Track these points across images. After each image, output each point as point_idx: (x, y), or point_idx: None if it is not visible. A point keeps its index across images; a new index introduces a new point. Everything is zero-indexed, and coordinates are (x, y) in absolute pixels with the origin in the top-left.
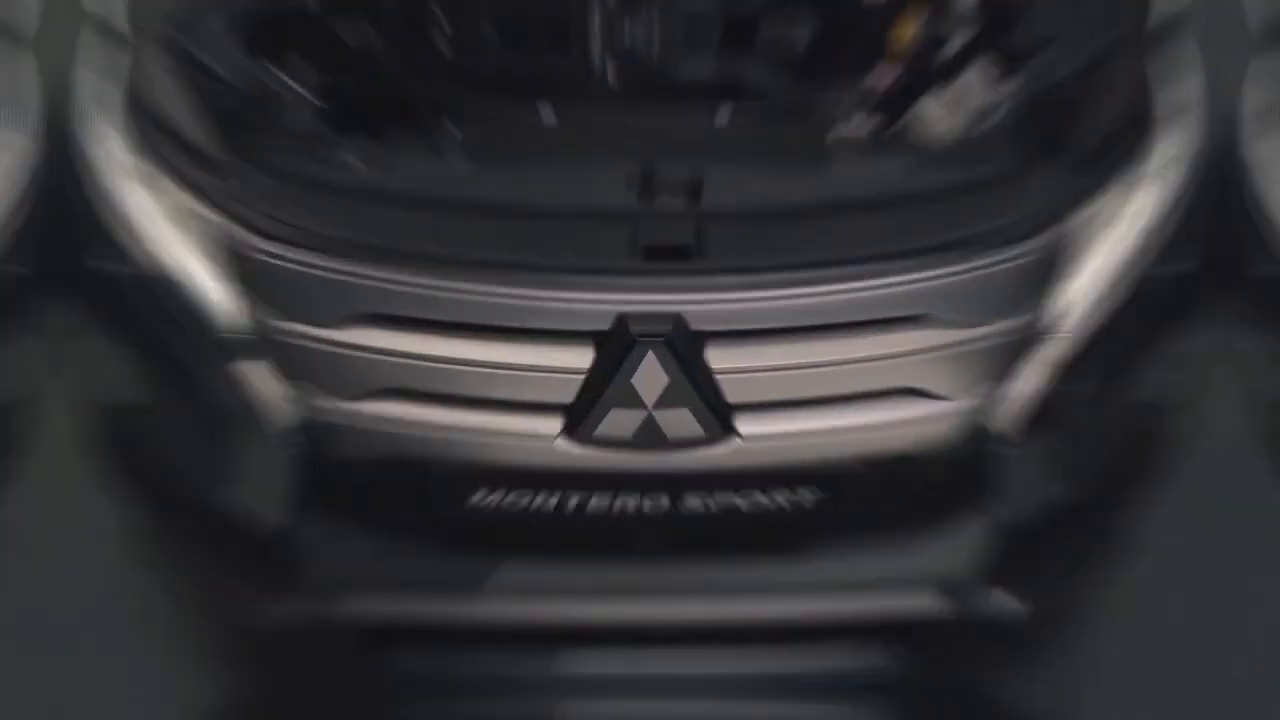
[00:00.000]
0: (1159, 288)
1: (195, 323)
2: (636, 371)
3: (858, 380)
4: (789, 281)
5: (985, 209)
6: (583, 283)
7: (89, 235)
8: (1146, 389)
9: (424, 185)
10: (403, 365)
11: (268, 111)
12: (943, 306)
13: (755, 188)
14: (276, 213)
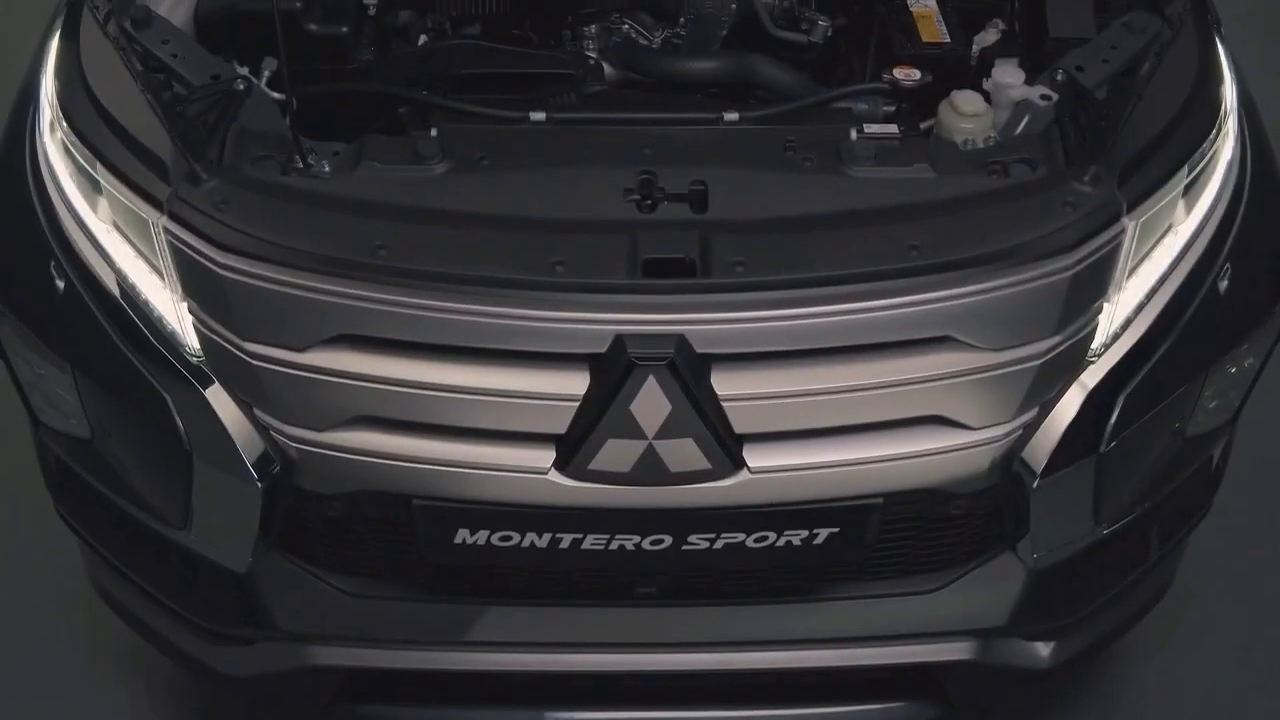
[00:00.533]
0: (1203, 307)
1: (153, 345)
2: (636, 398)
3: (876, 408)
4: (801, 300)
5: (1013, 221)
6: (577, 301)
7: (41, 249)
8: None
9: (401, 194)
10: (379, 391)
11: (232, 113)
12: (967, 327)
13: (764, 197)
14: (239, 224)
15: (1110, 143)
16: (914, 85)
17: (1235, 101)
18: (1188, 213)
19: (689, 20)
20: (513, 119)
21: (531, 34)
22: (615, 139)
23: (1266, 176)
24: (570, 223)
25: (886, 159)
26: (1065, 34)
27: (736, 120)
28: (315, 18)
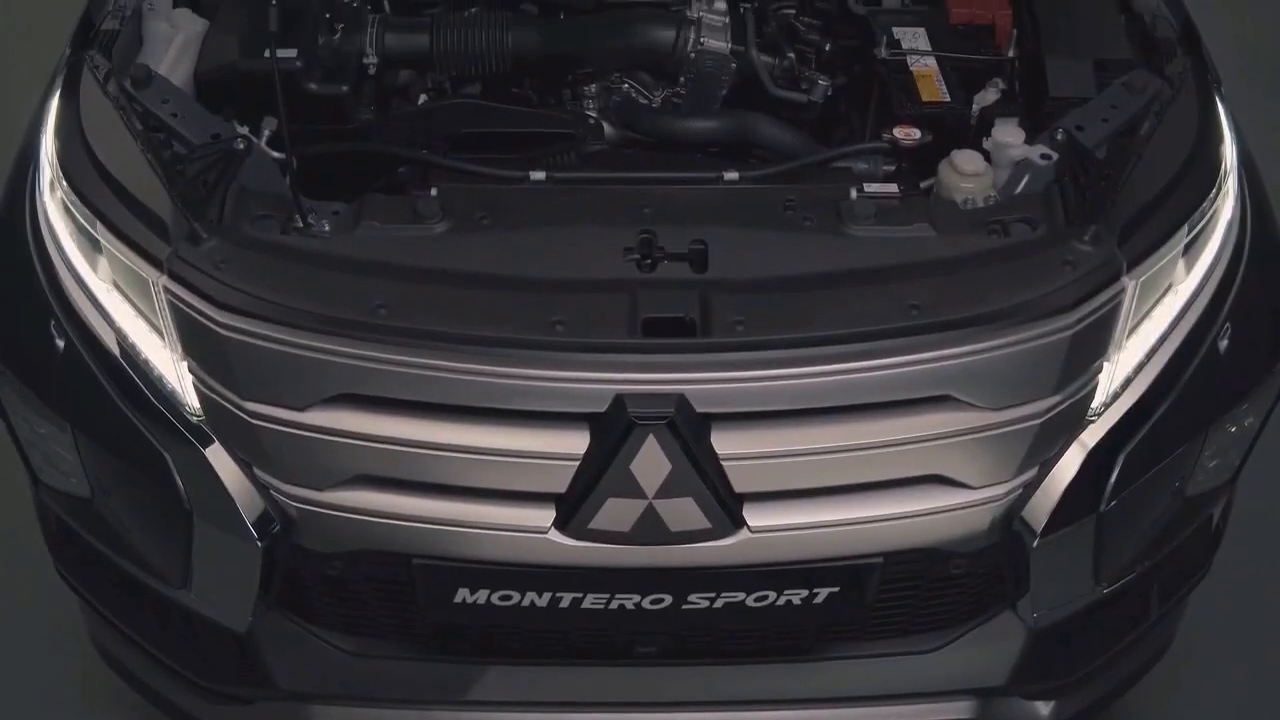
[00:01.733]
0: (1203, 366)
1: (152, 404)
2: (636, 457)
3: (876, 467)
4: (802, 359)
5: (1013, 281)
6: (577, 360)
7: (41, 308)
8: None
9: (401, 254)
10: (379, 450)
11: (232, 172)
12: (967, 387)
13: (764, 256)
14: (240, 284)
15: (1110, 202)
16: (914, 144)
17: (1235, 161)
18: (1188, 272)
19: (689, 80)
20: (513, 178)
21: (531, 93)
22: (615, 198)
23: (1266, 236)
24: (570, 282)
25: (886, 218)
26: (1065, 93)
27: (736, 179)
28: (315, 77)
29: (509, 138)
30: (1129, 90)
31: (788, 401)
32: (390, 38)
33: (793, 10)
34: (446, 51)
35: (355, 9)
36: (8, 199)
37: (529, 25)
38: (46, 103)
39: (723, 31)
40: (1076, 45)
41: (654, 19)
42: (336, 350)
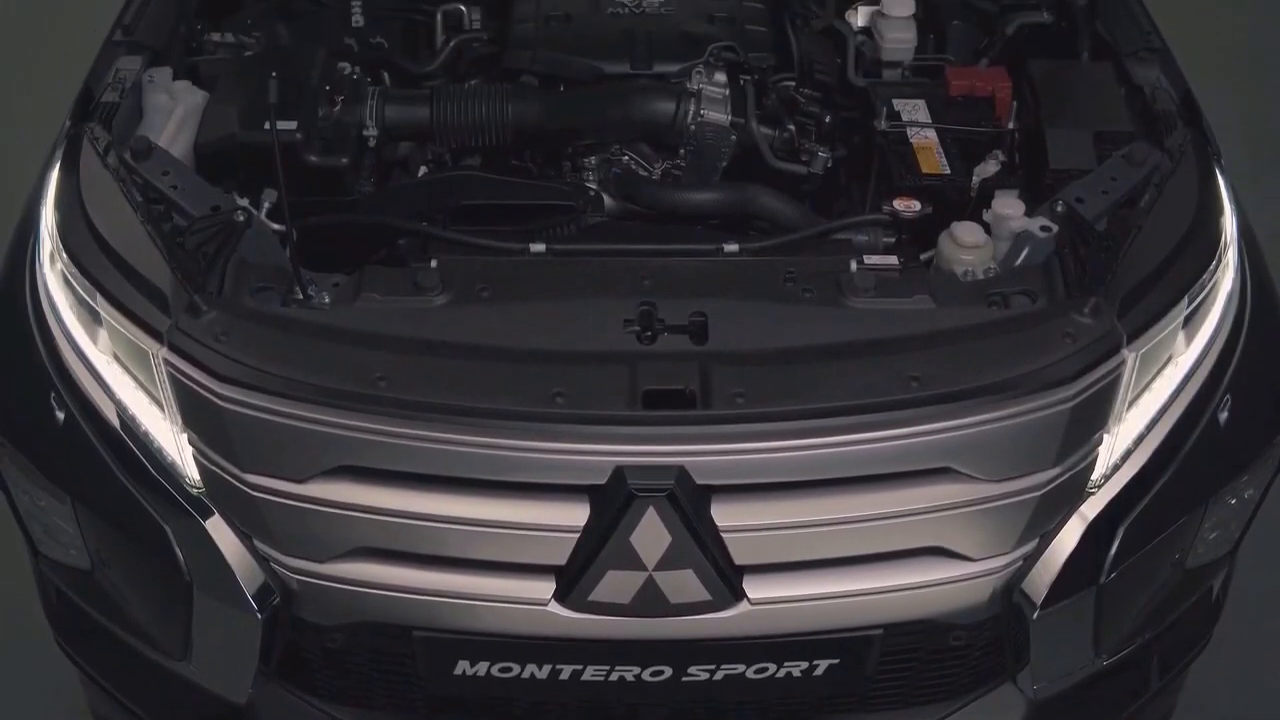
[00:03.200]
0: (1203, 438)
1: (152, 476)
2: (636, 529)
3: (876, 539)
4: (802, 431)
5: (1013, 353)
6: (577, 432)
7: (41, 380)
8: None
9: (401, 325)
10: (379, 522)
11: (232, 244)
12: (967, 459)
13: (764, 328)
14: (240, 356)
15: (1110, 274)
16: (914, 216)
17: (1235, 233)
18: (1188, 344)
19: (689, 152)
20: (513, 250)
21: (531, 165)
22: (615, 270)
23: (1266, 308)
24: (570, 354)
25: (886, 290)
26: (1065, 165)
27: (736, 251)
28: (315, 149)
29: (509, 209)
30: (1129, 162)
31: (788, 473)
32: (390, 110)
33: (793, 82)
34: (446, 124)
35: (355, 81)
36: (8, 271)
37: (529, 97)
38: (46, 175)
39: (723, 103)
40: (1076, 117)
41: (654, 91)
42: (337, 422)
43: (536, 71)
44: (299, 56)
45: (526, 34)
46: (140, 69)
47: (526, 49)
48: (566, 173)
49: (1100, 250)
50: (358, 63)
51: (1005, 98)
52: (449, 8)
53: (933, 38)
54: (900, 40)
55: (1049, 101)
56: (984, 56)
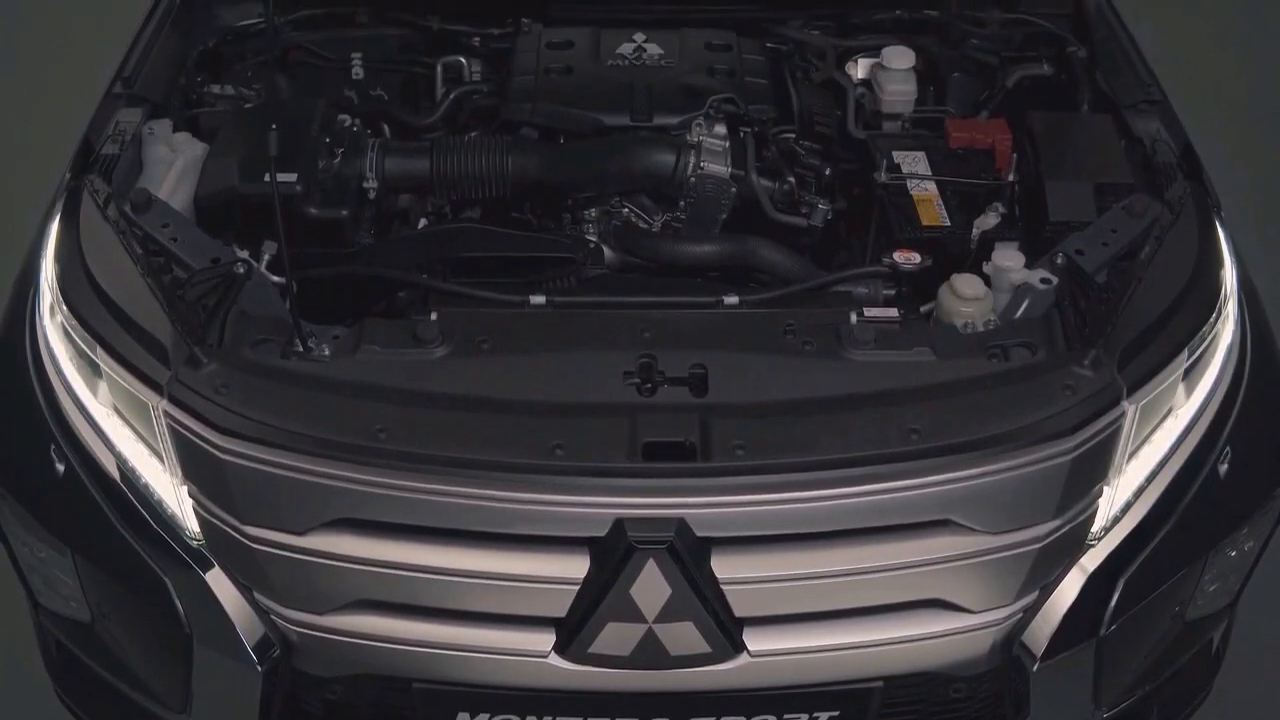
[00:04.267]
0: (1203, 490)
1: (153, 528)
2: (636, 581)
3: (877, 591)
4: (802, 484)
5: (1013, 405)
6: (576, 484)
7: (41, 432)
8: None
9: (401, 378)
10: (379, 575)
11: (232, 296)
12: (967, 511)
13: (764, 380)
14: (240, 408)
15: (1110, 327)
16: (914, 268)
17: (1235, 285)
18: (1188, 396)
19: (689, 204)
20: (512, 302)
21: (531, 217)
22: (615, 322)
23: (1266, 360)
24: (570, 406)
25: (886, 342)
26: (1065, 218)
27: (736, 304)
28: (315, 201)
29: (509, 262)
30: (1129, 214)
31: (788, 526)
32: (390, 162)
33: (793, 134)
34: (446, 176)
35: (355, 133)
36: (8, 323)
37: (529, 150)
38: (46, 227)
39: (723, 156)
40: (1076, 169)
41: (654, 144)
42: (337, 474)
43: (536, 124)
44: (299, 109)
45: (526, 86)
46: (140, 121)
47: (526, 101)
48: (566, 225)
49: (1100, 302)
50: (358, 115)
51: (1005, 150)
52: (449, 60)
53: (933, 90)
54: (900, 92)
55: (1049, 153)
56: (984, 108)
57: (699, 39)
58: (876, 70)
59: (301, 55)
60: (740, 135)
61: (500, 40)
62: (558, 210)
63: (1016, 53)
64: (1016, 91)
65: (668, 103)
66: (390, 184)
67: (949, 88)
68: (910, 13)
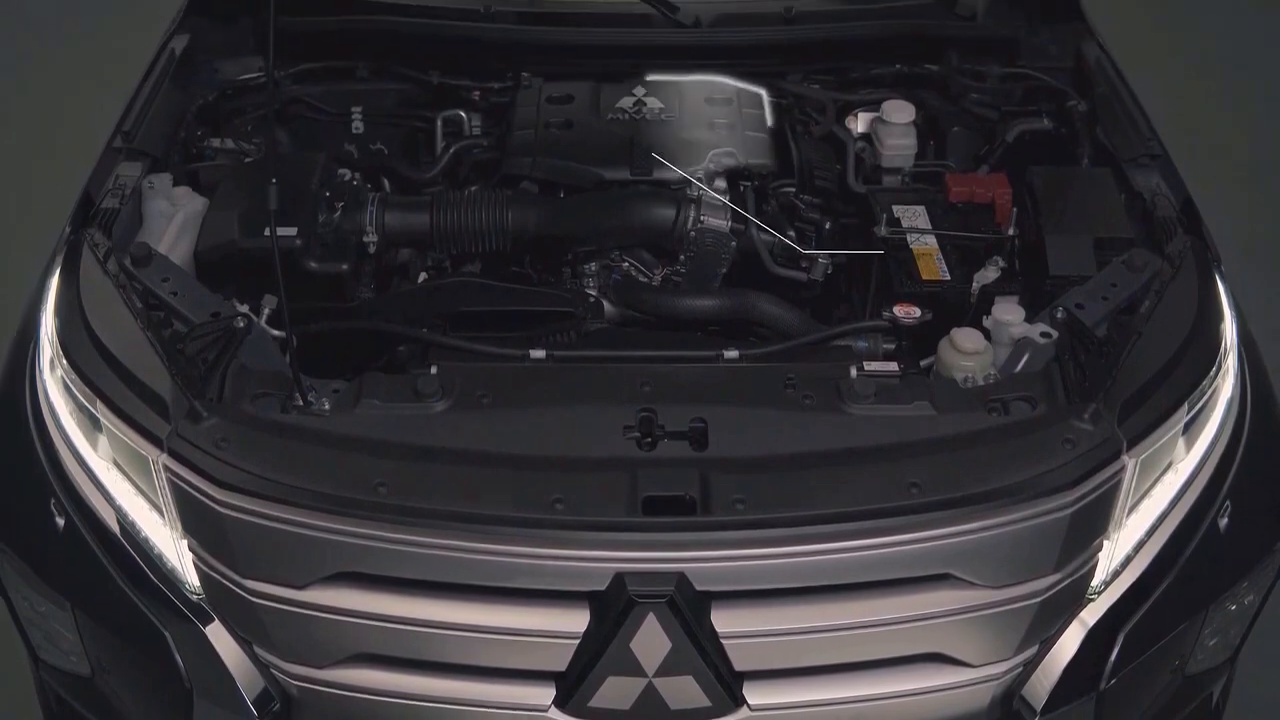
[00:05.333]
0: (1203, 544)
1: (153, 582)
2: (636, 635)
3: (877, 645)
4: (802, 538)
5: (1013, 460)
6: (576, 539)
7: (41, 486)
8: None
9: (401, 432)
10: (379, 629)
11: (232, 351)
12: (967, 565)
13: (765, 434)
14: (239, 462)
15: (1110, 380)
16: (914, 322)
17: (1235, 339)
18: (1188, 450)
19: (689, 257)
20: (513, 357)
21: (531, 271)
22: (615, 377)
23: (1266, 414)
24: (570, 460)
25: (886, 397)
26: (1065, 271)
27: (737, 358)
28: (315, 256)
29: (509, 316)
30: (1129, 268)
31: (788, 580)
32: (390, 216)
33: (793, 189)
34: (446, 230)
35: (355, 187)
36: (8, 377)
37: (529, 204)
38: (46, 281)
39: (723, 210)
40: (1076, 224)
41: (654, 197)
42: (337, 529)
43: (536, 178)
44: (299, 163)
45: (526, 140)
46: (140, 175)
47: (526, 155)
48: (566, 279)
49: (1100, 356)
50: (358, 169)
51: (1005, 204)
52: (449, 114)
53: (933, 144)
54: (900, 147)
55: (1049, 208)
56: (984, 163)
57: (699, 93)
58: (876, 124)
59: (301, 109)
60: (740, 189)
61: (500, 94)
62: (558, 264)
63: (1016, 107)
64: (1017, 146)
65: (667, 157)
66: (390, 238)
67: (949, 142)
68: (910, 67)
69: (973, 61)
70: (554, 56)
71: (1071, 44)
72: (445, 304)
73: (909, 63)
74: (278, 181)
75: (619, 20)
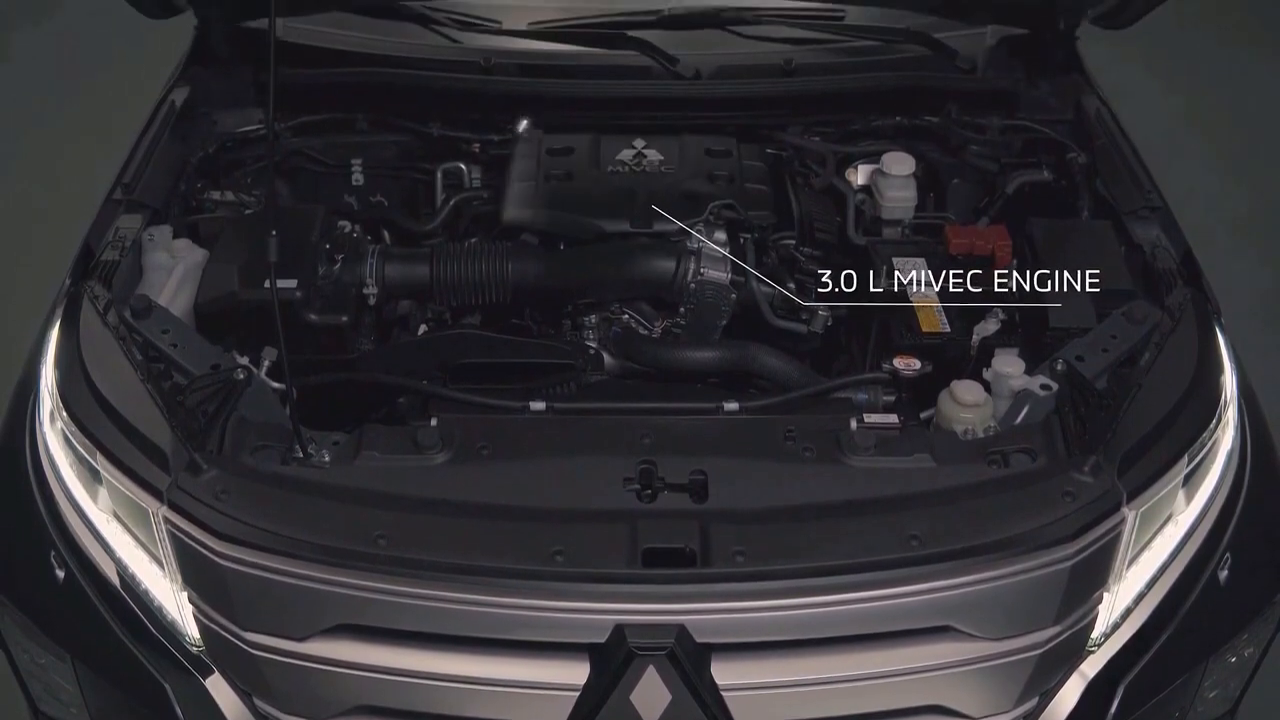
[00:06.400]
0: (1203, 596)
1: (152, 634)
2: (636, 687)
3: (877, 697)
4: (802, 590)
5: (1013, 512)
6: (577, 591)
7: (41, 538)
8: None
9: (401, 484)
10: (379, 680)
11: (232, 403)
12: (967, 617)
13: (765, 487)
14: (239, 514)
15: (1110, 433)
16: (914, 375)
17: (1235, 391)
18: (1188, 502)
19: (689, 310)
20: (513, 409)
21: (531, 323)
22: (615, 429)
23: (1266, 465)
24: (570, 512)
25: (886, 449)
26: (1065, 324)
27: (736, 410)
28: (315, 308)
29: (509, 368)
30: (1129, 320)
31: (788, 632)
32: (390, 268)
33: (793, 241)
34: (446, 282)
35: (355, 239)
36: (8, 429)
37: (529, 256)
38: (46, 333)
39: (723, 262)
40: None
41: (654, 250)
42: (336, 581)
43: (536, 230)
44: (299, 215)
45: (526, 192)
46: (140, 227)
47: (527, 207)
48: (566, 331)
49: (1100, 409)
50: (358, 221)
51: (1005, 256)
52: (449, 166)
53: (933, 196)
54: (900, 199)
55: (1049, 259)
56: (984, 215)
57: (699, 145)
58: (876, 176)
59: (301, 161)
60: (740, 241)
61: (500, 146)
62: (558, 316)
63: (1016, 159)
64: (1017, 198)
65: (667, 209)
66: (390, 290)
67: (949, 194)
68: (910, 119)
69: (973, 114)
70: (554, 109)
71: (1071, 96)
72: (445, 356)
73: (909, 115)
74: (278, 233)
75: (619, 72)
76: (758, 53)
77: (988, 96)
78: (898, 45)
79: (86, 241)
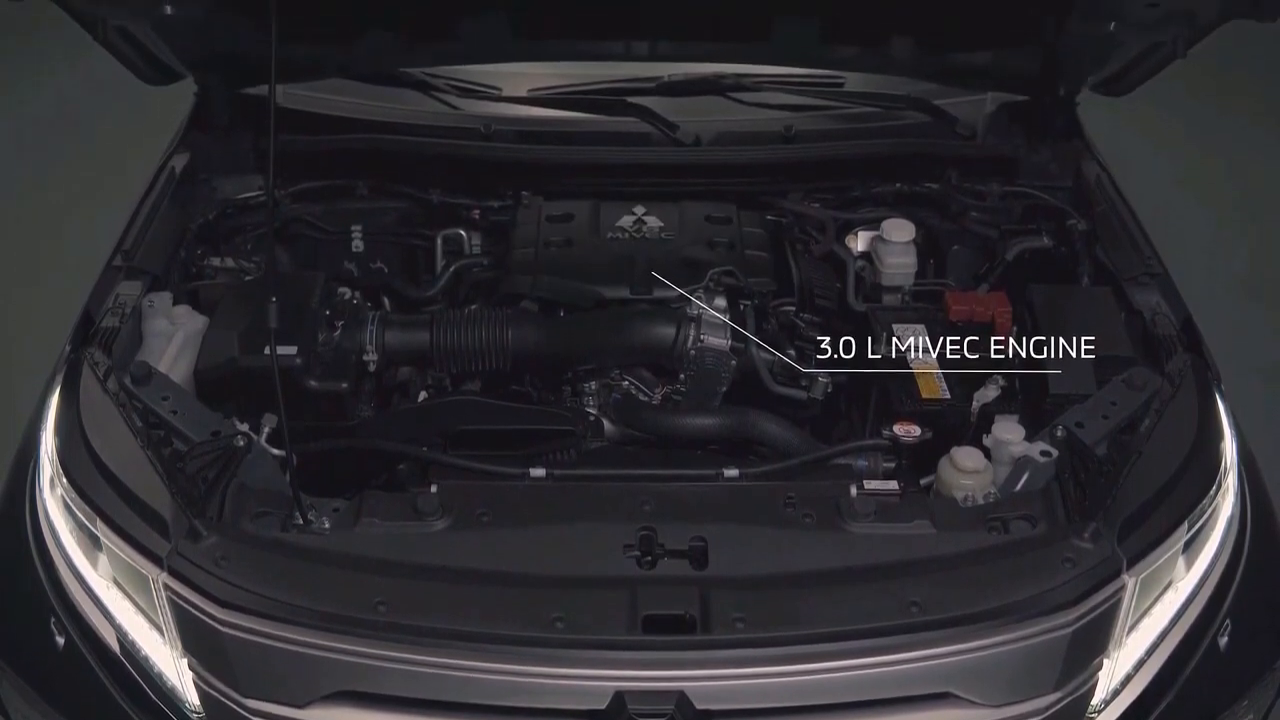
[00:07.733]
0: (1203, 663)
1: (153, 701)
2: None
3: None
4: (802, 657)
5: (1013, 578)
6: (577, 657)
7: (41, 605)
8: None
9: (401, 550)
10: None
11: (231, 469)
12: (968, 684)
13: (765, 553)
14: (240, 581)
15: (1110, 499)
16: (914, 441)
17: (1235, 458)
18: (1188, 569)
19: (689, 376)
20: (512, 475)
21: (531, 390)
22: (615, 495)
23: (1266, 532)
24: (570, 579)
25: (886, 515)
26: (1065, 390)
27: (736, 476)
28: (315, 374)
29: (509, 434)
30: (1129, 387)
31: (788, 699)
32: (390, 335)
33: (793, 307)
34: (446, 349)
35: (355, 306)
36: (8, 496)
37: (529, 323)
38: (46, 399)
39: (723, 329)
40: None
41: (654, 316)
42: (337, 648)
43: (536, 296)
44: (299, 281)
45: (527, 259)
46: (140, 294)
47: (527, 274)
48: (566, 398)
49: (1100, 475)
50: (357, 287)
51: (1005, 322)
52: (449, 233)
53: (933, 262)
54: (900, 265)
55: (1049, 326)
56: (984, 281)
57: (699, 212)
58: (876, 243)
59: (301, 228)
60: (740, 308)
61: (500, 213)
62: (558, 383)
63: (1016, 225)
64: (1017, 264)
65: (667, 276)
66: (390, 357)
67: (949, 260)
68: (910, 185)
69: (972, 180)
70: (554, 175)
71: (1071, 162)
72: (445, 422)
73: (909, 181)
74: (278, 300)
75: (619, 139)
76: (758, 119)
77: (988, 163)
78: (897, 112)
79: (86, 308)
